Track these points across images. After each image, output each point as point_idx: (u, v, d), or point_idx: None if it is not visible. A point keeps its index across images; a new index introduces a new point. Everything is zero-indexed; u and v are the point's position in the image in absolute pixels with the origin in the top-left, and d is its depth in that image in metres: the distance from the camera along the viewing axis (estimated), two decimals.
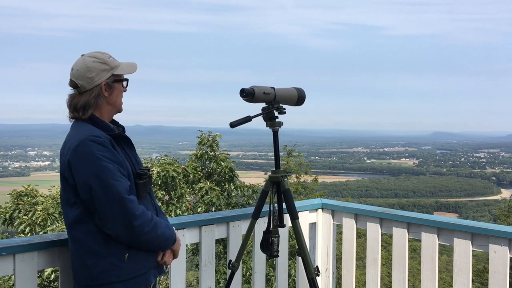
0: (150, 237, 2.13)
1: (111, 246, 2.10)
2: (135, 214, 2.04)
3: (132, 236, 2.08)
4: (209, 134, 11.05)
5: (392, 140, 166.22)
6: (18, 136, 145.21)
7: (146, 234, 2.10)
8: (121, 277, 2.11)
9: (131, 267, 2.14)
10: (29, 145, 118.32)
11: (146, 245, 2.16)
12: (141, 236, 2.09)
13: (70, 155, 2.07)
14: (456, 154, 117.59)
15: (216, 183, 10.59)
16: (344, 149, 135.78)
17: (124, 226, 2.04)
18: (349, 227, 3.43)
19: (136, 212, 2.05)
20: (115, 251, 2.10)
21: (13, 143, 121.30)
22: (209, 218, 2.97)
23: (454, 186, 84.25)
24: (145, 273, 2.19)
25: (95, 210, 2.05)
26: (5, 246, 2.20)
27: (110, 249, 2.10)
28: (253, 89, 2.57)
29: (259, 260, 3.20)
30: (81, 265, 2.12)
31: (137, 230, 2.06)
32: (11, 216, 9.10)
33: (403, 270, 3.11)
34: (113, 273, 2.10)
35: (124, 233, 2.06)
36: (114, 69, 2.19)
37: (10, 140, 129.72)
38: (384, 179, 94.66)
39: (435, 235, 2.94)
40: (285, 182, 2.75)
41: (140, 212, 2.07)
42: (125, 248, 2.11)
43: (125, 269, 2.12)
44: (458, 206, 72.56)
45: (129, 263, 2.13)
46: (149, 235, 2.12)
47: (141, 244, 2.14)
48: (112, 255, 2.10)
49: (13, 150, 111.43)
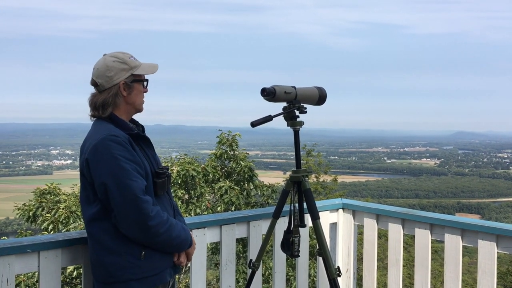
0: (165, 238, 2.13)
1: (127, 244, 2.11)
2: (149, 214, 2.05)
3: (146, 236, 2.09)
4: (228, 133, 11.07)
5: (413, 140, 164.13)
6: (41, 135, 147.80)
7: (161, 235, 2.10)
8: (137, 275, 2.12)
9: (148, 266, 2.15)
10: (52, 144, 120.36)
11: (161, 246, 2.16)
12: (155, 237, 2.09)
13: (89, 153, 2.10)
14: (479, 154, 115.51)
15: (235, 182, 10.60)
16: (363, 149, 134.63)
17: (139, 226, 2.05)
18: (370, 228, 3.40)
19: (150, 212, 2.05)
20: (132, 249, 2.12)
21: (36, 142, 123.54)
22: (229, 218, 2.97)
23: (477, 187, 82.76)
24: (161, 272, 2.20)
25: (111, 209, 2.08)
26: (30, 243, 2.24)
27: (126, 247, 2.11)
28: (274, 89, 2.56)
29: (280, 259, 3.19)
30: (98, 262, 2.15)
31: (152, 231, 2.07)
32: (34, 213, 9.26)
33: (426, 271, 3.06)
34: (129, 271, 2.11)
35: (139, 233, 2.08)
36: (134, 69, 2.21)
37: (33, 139, 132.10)
38: (405, 179, 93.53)
39: (459, 237, 2.89)
40: (306, 182, 2.74)
41: (155, 213, 2.08)
42: (141, 246, 2.12)
43: (142, 268, 2.13)
44: (481, 207, 71.28)
45: (145, 262, 2.14)
46: (164, 236, 2.12)
47: (156, 245, 2.14)
48: (129, 253, 2.11)
49: (36, 149, 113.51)
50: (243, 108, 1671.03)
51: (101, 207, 2.12)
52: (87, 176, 2.13)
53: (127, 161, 2.06)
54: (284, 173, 66.90)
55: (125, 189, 2.02)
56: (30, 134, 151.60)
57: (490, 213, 66.85)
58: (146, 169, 2.16)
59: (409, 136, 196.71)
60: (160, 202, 2.22)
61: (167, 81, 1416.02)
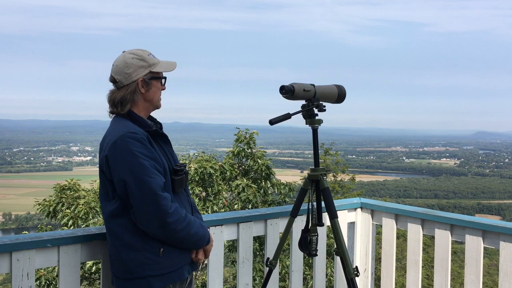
0: (184, 235, 2.13)
1: (146, 241, 2.12)
2: (168, 211, 2.05)
3: (165, 233, 2.09)
4: (246, 131, 11.07)
5: (432, 139, 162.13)
6: (61, 132, 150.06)
7: (179, 232, 2.11)
8: (156, 271, 2.13)
9: (166, 262, 2.16)
10: (72, 141, 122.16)
11: (180, 243, 2.17)
12: (174, 233, 2.10)
13: (108, 150, 2.11)
14: (500, 155, 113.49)
15: (252, 180, 10.60)
16: (382, 148, 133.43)
17: (157, 222, 2.06)
18: (389, 228, 3.36)
19: (169, 209, 2.06)
20: (151, 246, 2.13)
21: (57, 139, 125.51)
22: (247, 215, 2.97)
23: (498, 188, 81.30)
24: (179, 269, 2.21)
25: (131, 205, 2.09)
26: (50, 238, 2.26)
27: (145, 244, 2.12)
28: (293, 86, 2.54)
29: (297, 258, 3.18)
30: (117, 258, 2.16)
31: (170, 228, 2.08)
32: (54, 209, 9.39)
33: (446, 273, 3.02)
34: (148, 267, 2.12)
35: (157, 230, 2.08)
36: (152, 66, 2.22)
37: (54, 136, 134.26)
38: (424, 179, 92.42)
39: (480, 238, 2.84)
40: (324, 180, 2.71)
41: (173, 209, 2.08)
42: (160, 243, 2.13)
43: (160, 264, 2.14)
44: (502, 208, 70.04)
45: (164, 258, 2.15)
46: (182, 233, 2.12)
47: (174, 242, 2.15)
48: (147, 250, 2.12)
49: (57, 145, 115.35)
50: (261, 106, 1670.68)
51: (120, 204, 2.13)
52: (107, 173, 2.14)
53: (146, 158, 2.07)
54: (301, 172, 66.66)
55: (144, 186, 2.03)
56: (51, 130, 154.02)
57: (511, 214, 65.65)
58: (164, 166, 2.17)
59: (428, 136, 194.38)
60: (178, 199, 2.22)
61: (185, 79, 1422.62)
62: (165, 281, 2.16)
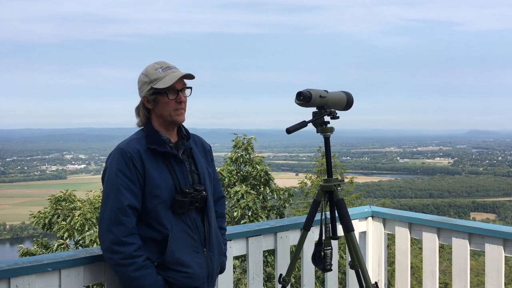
0: (119, 271, 2.03)
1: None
2: (113, 236, 2.00)
3: (103, 252, 2.06)
4: (244, 137, 10.94)
5: (426, 139, 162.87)
6: (55, 140, 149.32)
7: (115, 265, 2.02)
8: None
9: None
10: (66, 149, 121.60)
11: (118, 277, 2.08)
12: (109, 261, 2.05)
13: (107, 158, 2.17)
14: (493, 153, 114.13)
15: (251, 186, 10.47)
16: (376, 149, 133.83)
17: (100, 238, 2.08)
18: (402, 237, 3.23)
19: (113, 234, 2.00)
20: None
21: (51, 147, 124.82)
22: (256, 229, 2.84)
23: (492, 186, 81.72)
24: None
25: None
26: (50, 261, 2.14)
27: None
28: (310, 92, 2.40)
29: (308, 272, 3.05)
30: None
31: (105, 254, 2.04)
32: (50, 221, 9.23)
33: (465, 283, 2.89)
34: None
35: (101, 245, 2.08)
36: (154, 82, 2.15)
37: (47, 144, 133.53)
38: (418, 179, 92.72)
39: (501, 247, 2.72)
40: (338, 191, 2.59)
41: (119, 239, 1.99)
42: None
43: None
44: (496, 206, 70.36)
45: None
46: (118, 269, 2.02)
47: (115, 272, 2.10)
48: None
49: (50, 154, 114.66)
50: (256, 109, 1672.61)
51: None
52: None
53: (123, 176, 2.05)
54: (296, 174, 66.70)
55: (104, 205, 2.06)
56: (44, 139, 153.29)
57: (505, 212, 65.99)
58: (159, 185, 2.08)
59: (422, 136, 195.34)
60: (179, 220, 2.11)
61: (204, 84, 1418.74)
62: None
